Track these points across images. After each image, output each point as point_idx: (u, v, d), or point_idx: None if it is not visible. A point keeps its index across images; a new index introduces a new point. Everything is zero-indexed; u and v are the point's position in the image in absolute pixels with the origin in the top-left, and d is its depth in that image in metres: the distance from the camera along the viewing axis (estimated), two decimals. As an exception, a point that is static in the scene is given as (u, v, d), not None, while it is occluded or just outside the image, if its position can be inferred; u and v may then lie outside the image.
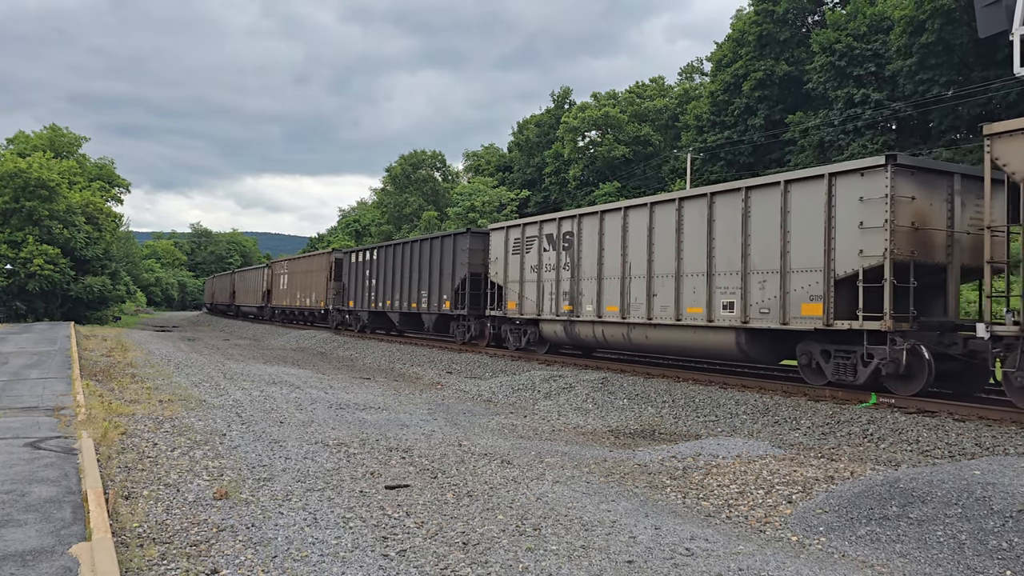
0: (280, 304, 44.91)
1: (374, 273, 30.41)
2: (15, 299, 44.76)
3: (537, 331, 20.14)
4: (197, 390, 14.32)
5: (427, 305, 25.66)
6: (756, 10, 45.21)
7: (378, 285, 29.92)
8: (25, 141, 58.57)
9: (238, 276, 62.01)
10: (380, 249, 30.29)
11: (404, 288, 27.38)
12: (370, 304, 30.65)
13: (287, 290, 43.29)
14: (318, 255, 38.43)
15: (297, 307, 41.23)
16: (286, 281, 43.85)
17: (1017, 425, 10.05)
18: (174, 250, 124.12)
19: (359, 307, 32.03)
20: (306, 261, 40.94)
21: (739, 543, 5.89)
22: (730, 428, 11.87)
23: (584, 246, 17.95)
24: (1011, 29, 11.41)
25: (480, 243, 22.96)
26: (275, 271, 47.22)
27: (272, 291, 47.03)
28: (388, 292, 28.84)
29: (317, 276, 37.67)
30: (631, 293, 16.34)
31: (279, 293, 45.10)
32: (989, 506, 5.87)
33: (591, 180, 56.69)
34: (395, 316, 28.60)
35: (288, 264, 44.69)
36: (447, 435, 10.50)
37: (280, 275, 45.59)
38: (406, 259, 27.40)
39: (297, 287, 41.22)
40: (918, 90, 35.16)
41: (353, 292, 32.71)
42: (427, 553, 5.52)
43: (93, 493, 5.99)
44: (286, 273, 44.12)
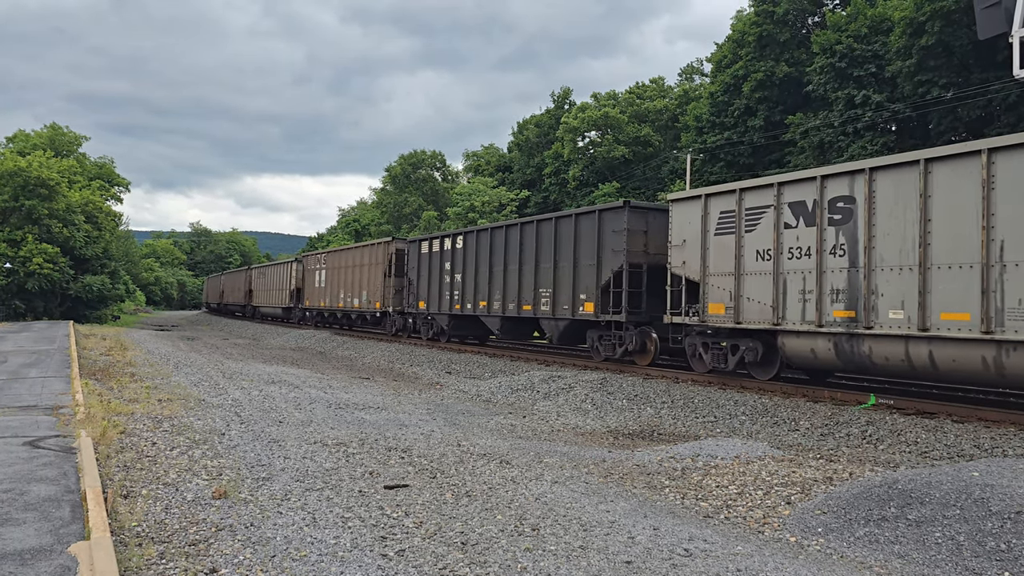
0: (316, 305, 38.56)
1: (458, 266, 24.12)
2: (14, 298, 44.75)
3: (762, 347, 14.17)
4: (196, 389, 14.31)
5: (550, 307, 19.29)
6: (756, 11, 45.22)
7: (465, 281, 23.63)
8: (25, 140, 58.58)
9: (256, 273, 54.69)
10: (467, 236, 24.04)
11: (509, 285, 21.23)
12: (452, 306, 24.42)
13: (325, 288, 37.11)
14: (371, 246, 31.97)
15: (340, 309, 34.78)
16: (323, 278, 37.52)
17: (1016, 427, 10.06)
18: (173, 249, 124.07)
19: (434, 309, 25.68)
20: (353, 253, 34.00)
21: (737, 544, 5.89)
22: (729, 429, 11.87)
23: (879, 216, 11.82)
24: (1011, 31, 11.42)
25: (641, 221, 17.05)
26: (308, 266, 40.58)
27: (304, 290, 40.93)
28: (481, 290, 22.68)
29: (370, 271, 31.38)
30: (1005, 290, 10.08)
31: (314, 292, 38.93)
32: (987, 507, 5.88)
33: (591, 180, 56.69)
34: (493, 321, 22.37)
35: (328, 257, 37.77)
36: (446, 435, 10.50)
37: (315, 271, 39.06)
38: (513, 247, 21.12)
39: (340, 285, 34.87)
40: (917, 92, 35.17)
41: (425, 290, 26.43)
42: (426, 553, 5.52)
43: (92, 492, 5.99)
44: (324, 268, 37.62)
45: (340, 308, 34.99)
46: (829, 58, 38.63)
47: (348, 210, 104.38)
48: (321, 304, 37.84)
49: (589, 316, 17.98)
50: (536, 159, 65.54)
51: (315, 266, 39.42)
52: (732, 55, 46.71)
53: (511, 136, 72.90)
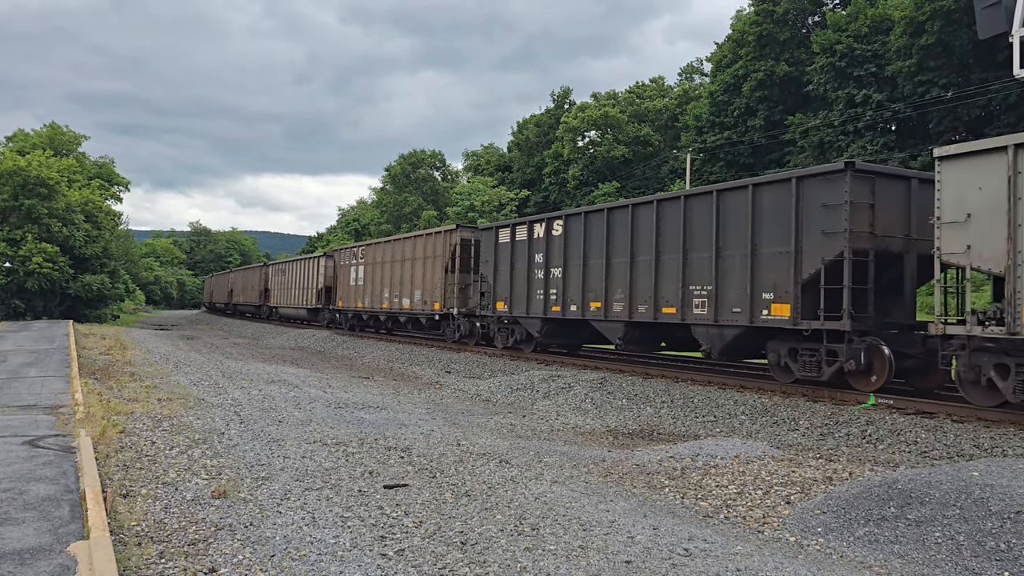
0: (351, 306, 33.59)
1: (555, 257, 18.99)
2: (14, 297, 44.73)
3: None
4: (196, 389, 14.31)
5: (709, 310, 14.39)
6: (756, 10, 45.24)
7: (567, 277, 18.50)
8: (24, 139, 58.56)
9: (274, 270, 49.24)
10: (570, 219, 18.74)
11: (639, 281, 16.13)
12: (546, 307, 19.25)
13: (364, 287, 32.35)
14: (427, 236, 27.02)
15: (385, 311, 29.97)
16: (361, 275, 32.65)
17: (1016, 427, 10.06)
18: (173, 249, 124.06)
19: (520, 312, 20.54)
20: (402, 246, 29.06)
21: (737, 543, 5.89)
22: (729, 428, 11.87)
23: None
24: (1011, 31, 11.41)
25: (866, 191, 12.31)
26: (341, 261, 35.75)
27: (335, 289, 36.33)
28: (593, 288, 17.52)
29: (425, 266, 26.51)
30: None
31: (349, 291, 34.09)
32: (987, 507, 5.88)
33: (590, 180, 56.71)
34: (612, 328, 17.07)
35: (367, 251, 32.48)
36: (446, 435, 10.50)
37: (350, 267, 34.14)
38: (644, 232, 16.10)
39: (384, 282, 30.00)
40: (918, 91, 35.18)
41: (506, 288, 21.16)
42: (425, 553, 5.52)
43: (91, 491, 5.98)
44: (361, 264, 32.76)
45: (384, 310, 29.86)
46: (829, 58, 38.64)
47: (348, 210, 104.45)
48: (358, 305, 32.60)
49: (779, 322, 13.12)
50: (536, 159, 65.57)
51: (349, 261, 34.31)
52: (732, 55, 46.72)
53: (511, 136, 73.00)
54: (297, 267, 43.03)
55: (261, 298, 50.84)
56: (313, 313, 39.93)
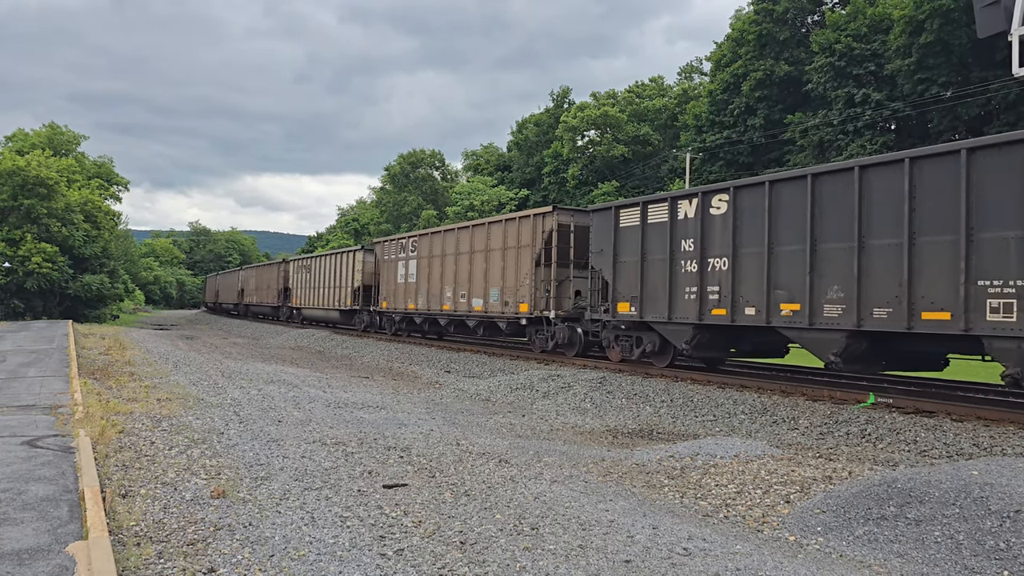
0: (399, 307, 28.53)
1: (715, 243, 14.39)
2: (13, 297, 44.73)
3: None
4: (195, 389, 14.30)
5: None
6: (756, 10, 45.23)
7: (738, 270, 13.83)
8: (24, 139, 58.56)
9: (295, 267, 43.07)
10: (738, 193, 13.97)
11: (867, 274, 11.61)
12: (702, 310, 14.48)
13: (416, 285, 27.09)
14: (509, 221, 21.74)
15: (446, 313, 24.67)
16: (412, 271, 27.49)
17: (1015, 425, 10.06)
18: (172, 248, 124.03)
19: (657, 315, 15.54)
20: (472, 234, 23.48)
21: (737, 543, 5.88)
22: (728, 428, 11.87)
23: None
24: (1010, 30, 11.41)
25: None
26: (385, 255, 30.37)
27: (376, 287, 31.22)
28: (784, 284, 12.93)
29: (507, 259, 21.37)
30: None
31: (396, 290, 28.87)
32: (987, 506, 5.87)
33: (590, 180, 56.71)
34: (824, 339, 12.31)
35: (423, 242, 26.92)
36: (445, 434, 10.50)
37: (396, 261, 29.09)
38: (880, 203, 11.53)
39: (447, 279, 24.79)
40: (917, 90, 35.19)
41: (632, 285, 16.16)
42: (425, 552, 5.52)
43: (90, 491, 5.98)
44: (413, 258, 27.57)
45: (445, 312, 24.66)
46: (828, 57, 38.65)
47: (347, 209, 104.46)
48: (409, 306, 27.60)
49: None
50: (535, 158, 65.56)
51: (396, 255, 29.18)
52: (732, 54, 46.73)
53: (510, 135, 72.98)
54: (326, 263, 37.06)
55: (280, 298, 45.48)
56: (347, 316, 34.98)
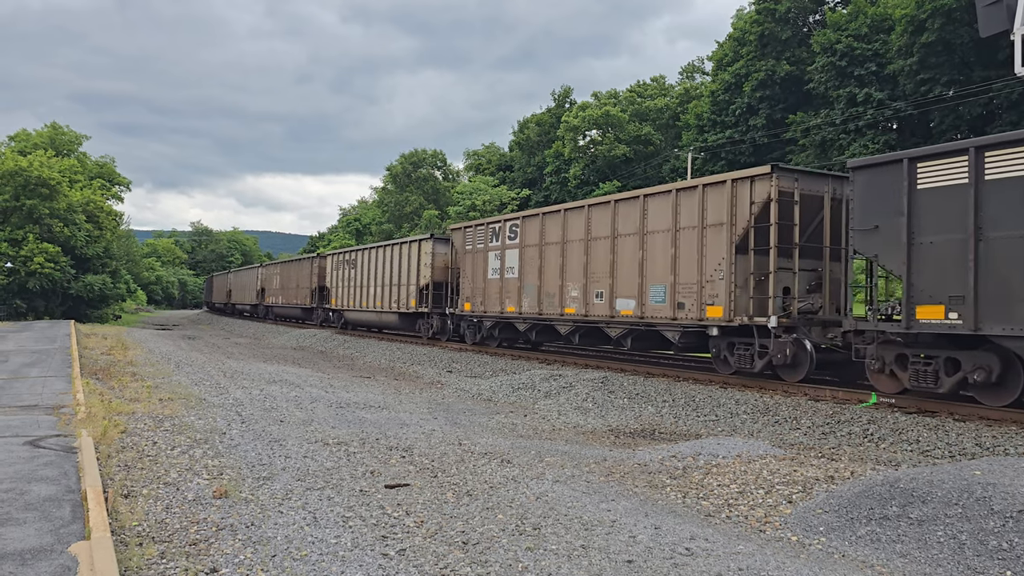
0: (491, 310, 22.21)
1: None
2: (15, 297, 44.79)
3: None
4: (197, 388, 14.31)
5: None
6: (757, 9, 45.19)
7: None
8: (26, 139, 58.64)
9: (334, 262, 36.57)
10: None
11: None
12: None
13: (519, 281, 20.87)
14: (688, 189, 15.65)
15: (569, 317, 18.75)
16: (512, 263, 21.22)
17: (1018, 425, 10.05)
18: (174, 248, 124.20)
19: (1015, 325, 9.90)
20: (614, 213, 17.30)
21: (739, 543, 5.88)
22: (730, 428, 11.86)
23: None
24: (1012, 29, 11.40)
25: None
26: (466, 245, 23.89)
27: (453, 285, 25.03)
28: None
29: (683, 243, 15.39)
30: None
31: (487, 288, 22.47)
32: (989, 506, 5.86)
33: (592, 179, 56.69)
34: None
35: (528, 226, 20.69)
36: (447, 434, 10.50)
37: (484, 253, 22.76)
38: None
39: (570, 274, 18.75)
40: (919, 90, 35.15)
41: (954, 277, 10.58)
42: (427, 552, 5.52)
43: (92, 492, 5.99)
44: (513, 247, 21.26)
45: (569, 316, 18.69)
46: (830, 57, 38.61)
47: (349, 209, 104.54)
48: (508, 309, 21.35)
49: None
50: (537, 158, 65.56)
51: (484, 244, 22.84)
52: (733, 54, 46.71)
53: (512, 135, 72.99)
54: (380, 256, 31.04)
55: (313, 299, 39.38)
56: (408, 320, 28.63)
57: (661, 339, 16.45)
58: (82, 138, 62.33)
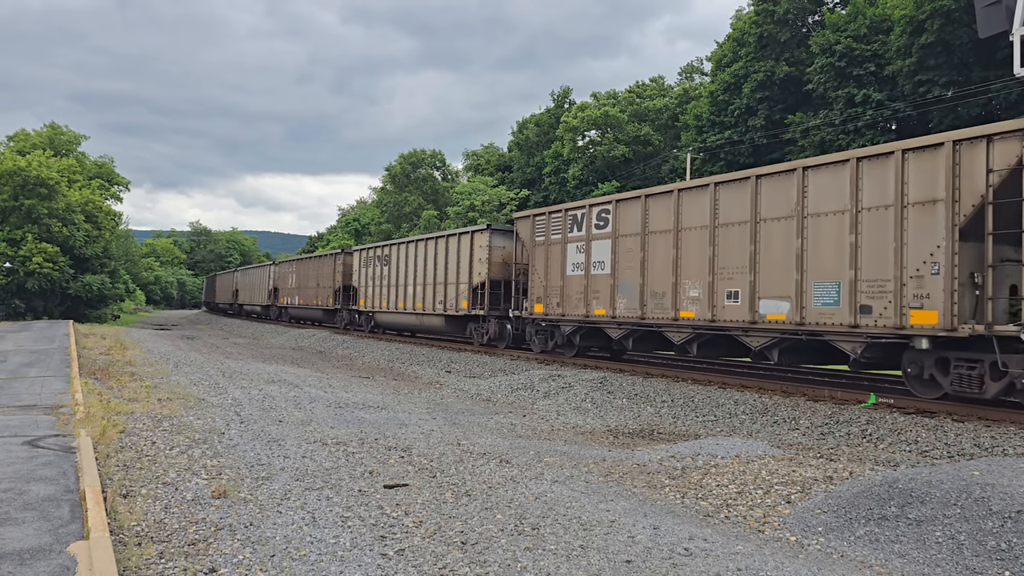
0: (572, 313, 18.59)
1: None
2: (14, 297, 44.75)
3: None
4: (196, 388, 14.31)
5: None
6: (756, 10, 45.22)
7: None
8: (25, 139, 58.60)
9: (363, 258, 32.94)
10: None
11: None
12: None
13: (611, 279, 17.29)
14: (872, 157, 12.10)
15: (689, 322, 15.20)
16: (604, 255, 17.59)
17: (1016, 426, 10.06)
18: (173, 248, 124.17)
19: None
20: (756, 191, 14.03)
21: (737, 543, 5.88)
22: (729, 428, 11.86)
23: None
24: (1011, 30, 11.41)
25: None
26: (536, 236, 20.11)
27: (529, 283, 20.51)
28: None
29: (867, 226, 12.05)
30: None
31: (564, 288, 18.86)
32: (988, 507, 5.87)
33: (591, 180, 56.68)
34: None
35: (624, 212, 17.19)
36: (446, 434, 10.50)
37: (561, 245, 19.03)
38: None
39: (687, 268, 15.35)
40: (918, 90, 35.18)
41: None
42: (425, 552, 5.52)
43: (91, 491, 5.98)
44: (603, 237, 17.72)
45: (687, 321, 15.15)
46: (829, 58, 38.65)
47: (348, 209, 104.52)
48: (595, 311, 17.63)
49: None
50: (536, 158, 65.56)
51: (560, 235, 18.99)
52: (732, 54, 46.73)
53: (511, 135, 72.98)
54: (419, 252, 27.25)
55: (336, 300, 35.89)
56: (456, 324, 25.31)
57: (825, 352, 13.36)
58: (81, 138, 62.30)
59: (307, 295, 40.62)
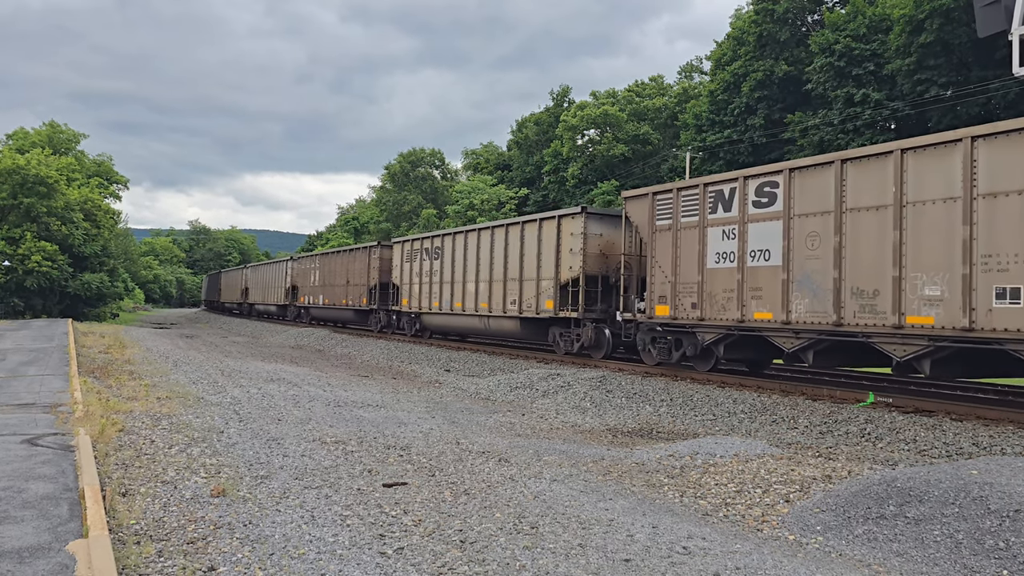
0: (711, 317, 14.54)
1: None
2: (13, 296, 44.71)
3: None
4: (195, 387, 14.30)
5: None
6: (756, 9, 45.22)
7: None
8: (24, 137, 58.53)
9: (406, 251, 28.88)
10: None
11: None
12: None
13: (778, 271, 13.21)
14: None
15: (983, 334, 10.15)
16: (775, 241, 13.33)
17: (1015, 425, 10.07)
18: (172, 247, 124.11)
19: None
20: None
21: (736, 542, 5.89)
22: (728, 427, 11.87)
23: None
24: (1010, 29, 11.43)
25: None
26: (651, 218, 16.21)
27: (647, 276, 16.41)
28: None
29: None
30: None
31: (713, 280, 14.55)
32: (986, 506, 5.88)
33: (590, 179, 56.68)
34: None
35: (809, 181, 12.81)
36: (445, 433, 10.50)
37: (705, 229, 14.79)
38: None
39: (935, 256, 10.90)
40: (916, 90, 35.20)
41: None
42: (424, 551, 5.52)
43: (90, 490, 5.98)
44: (770, 218, 13.47)
45: (924, 329, 10.97)
46: (828, 57, 38.66)
47: (347, 208, 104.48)
48: (756, 315, 13.62)
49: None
50: (535, 157, 65.54)
51: (699, 214, 15.07)
52: (732, 53, 46.74)
53: (510, 134, 72.95)
54: (482, 243, 23.41)
55: (372, 299, 31.74)
56: (536, 329, 21.15)
57: None
58: (80, 136, 62.20)
59: (334, 294, 36.28)
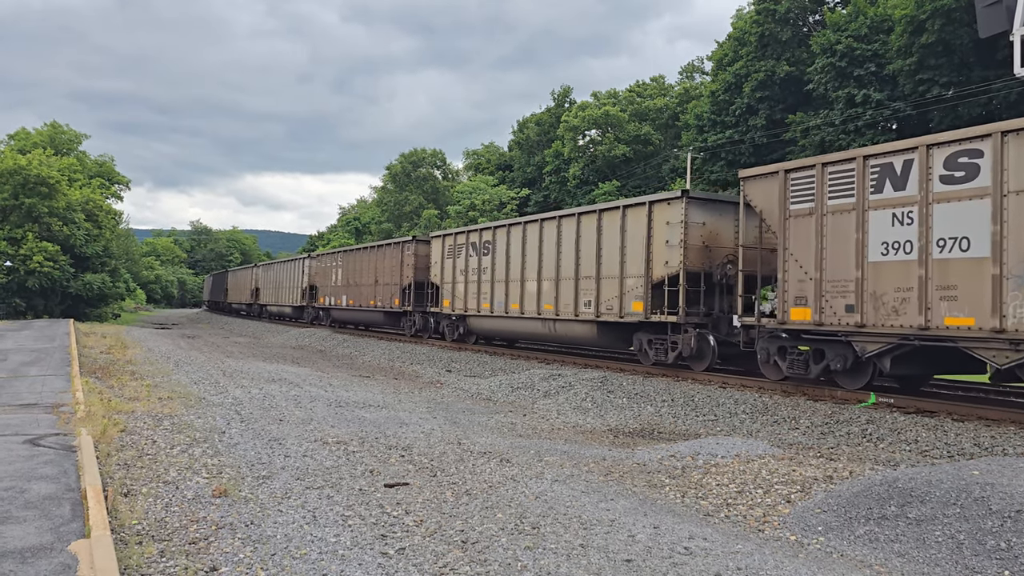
0: (899, 324, 11.15)
1: None
2: (14, 296, 44.75)
3: None
4: (196, 388, 14.31)
5: None
6: (757, 9, 45.21)
7: None
8: (26, 138, 58.59)
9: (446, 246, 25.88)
10: None
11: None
12: None
13: (968, 270, 10.44)
14: None
15: None
16: (979, 227, 10.33)
17: (1016, 425, 10.06)
18: (174, 247, 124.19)
19: None
20: None
21: (737, 542, 5.89)
22: (729, 427, 11.87)
23: None
24: (1011, 29, 11.43)
25: None
26: (782, 202, 13.08)
27: (785, 271, 13.11)
28: None
29: None
30: None
31: (873, 279, 11.65)
32: (987, 506, 5.88)
33: (591, 179, 56.68)
34: None
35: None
36: (446, 433, 10.50)
37: (865, 215, 11.74)
38: None
39: None
40: (918, 90, 35.19)
41: None
42: (426, 551, 5.52)
43: (92, 490, 5.99)
44: (974, 193, 10.37)
45: None
46: (829, 58, 38.65)
47: (348, 208, 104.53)
48: (948, 320, 10.60)
49: None
50: (536, 158, 65.55)
51: (856, 194, 11.93)
52: (733, 54, 46.73)
53: (511, 135, 72.97)
54: (540, 236, 20.41)
55: (405, 300, 29.04)
56: (614, 335, 18.19)
57: None
58: (81, 137, 62.25)
59: (360, 294, 33.17)
